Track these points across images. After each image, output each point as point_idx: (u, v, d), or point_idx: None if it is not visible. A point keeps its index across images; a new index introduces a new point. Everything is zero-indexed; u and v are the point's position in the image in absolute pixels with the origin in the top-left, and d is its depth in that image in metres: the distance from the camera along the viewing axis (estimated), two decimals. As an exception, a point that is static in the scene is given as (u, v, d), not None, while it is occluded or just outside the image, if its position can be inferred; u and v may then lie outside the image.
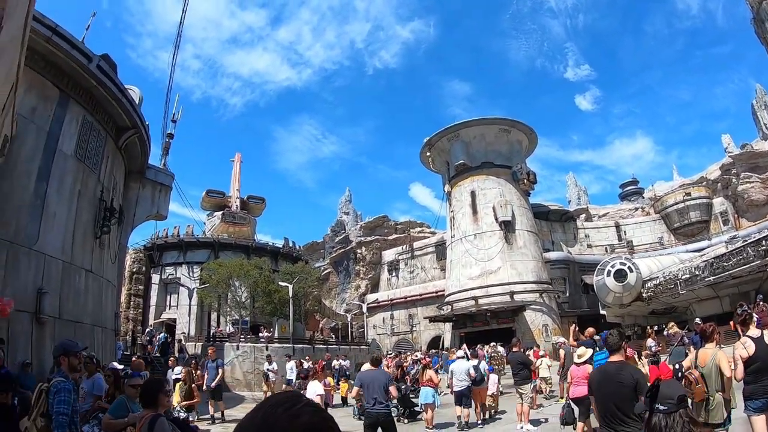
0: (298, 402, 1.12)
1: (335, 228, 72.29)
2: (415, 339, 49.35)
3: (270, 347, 32.07)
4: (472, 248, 43.17)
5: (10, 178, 13.00)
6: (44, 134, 14.53)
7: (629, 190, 74.22)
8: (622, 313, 32.71)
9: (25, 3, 7.56)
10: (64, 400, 5.29)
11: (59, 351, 6.07)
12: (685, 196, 51.40)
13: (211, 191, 53.34)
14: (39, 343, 12.64)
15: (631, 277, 29.16)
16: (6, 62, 7.99)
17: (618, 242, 52.32)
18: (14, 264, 12.91)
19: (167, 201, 26.46)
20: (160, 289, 45.41)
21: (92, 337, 16.69)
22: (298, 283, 39.15)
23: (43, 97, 14.58)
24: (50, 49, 14.08)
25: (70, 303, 15.41)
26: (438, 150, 49.23)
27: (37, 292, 13.46)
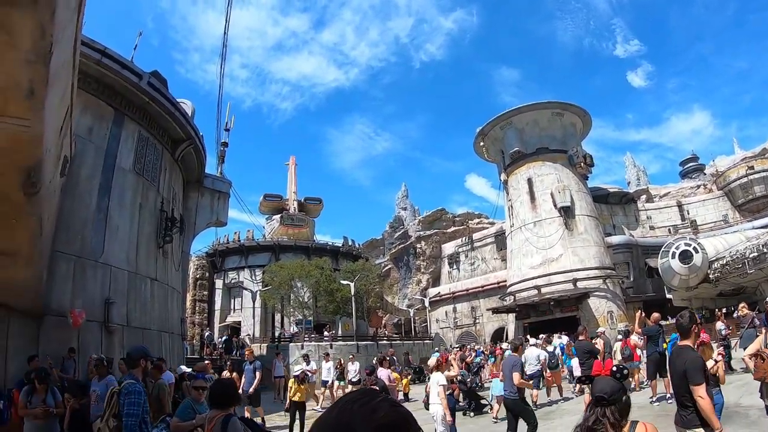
0: (375, 397, 1.10)
1: (393, 224, 72.40)
2: (478, 331, 48.93)
3: (334, 345, 32.51)
4: (532, 236, 42.49)
5: (73, 196, 13.71)
6: (102, 152, 15.25)
7: (690, 167, 71.46)
8: (689, 296, 31.53)
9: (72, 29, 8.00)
10: (134, 402, 5.58)
11: (140, 353, 6.35)
12: (748, 170, 48.88)
13: (268, 195, 54.37)
14: (109, 351, 13.28)
15: (697, 258, 28.08)
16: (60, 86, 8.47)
17: (681, 222, 50.27)
18: (82, 277, 13.64)
19: (226, 207, 27.20)
20: (224, 294, 46.72)
21: (159, 342, 17.42)
22: (359, 280, 39.45)
23: (98, 116, 15.31)
24: (101, 70, 14.77)
25: (137, 311, 16.15)
26: (491, 139, 48.65)
27: (105, 302, 14.19)
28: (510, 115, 46.11)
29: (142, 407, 5.73)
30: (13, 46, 5.69)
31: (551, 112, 45.43)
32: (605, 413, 3.39)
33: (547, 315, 38.67)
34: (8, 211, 9.04)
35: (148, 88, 16.59)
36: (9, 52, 5.76)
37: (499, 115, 46.69)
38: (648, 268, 41.93)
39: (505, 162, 47.08)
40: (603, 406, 3.43)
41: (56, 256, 12.76)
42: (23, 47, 5.74)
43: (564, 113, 45.82)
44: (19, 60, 5.88)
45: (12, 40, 5.59)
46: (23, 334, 11.59)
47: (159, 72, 17.77)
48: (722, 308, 26.81)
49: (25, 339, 11.45)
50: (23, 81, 6.28)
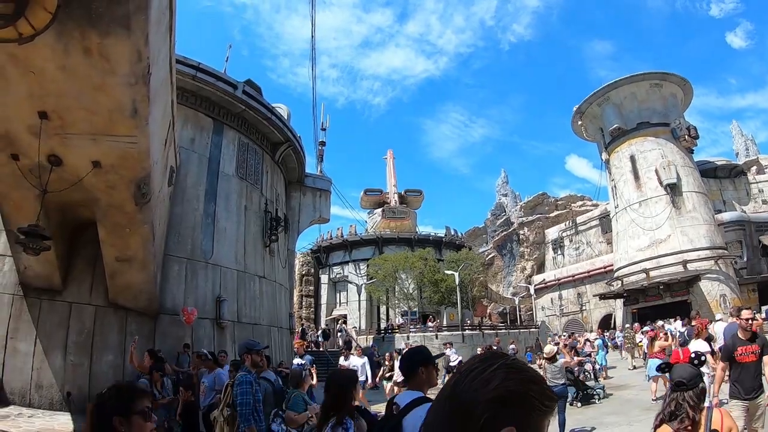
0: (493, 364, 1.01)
1: (495, 211, 71.48)
2: (585, 318, 47.46)
3: (439, 335, 32.80)
4: (638, 217, 40.54)
5: (182, 203, 14.79)
6: (205, 160, 16.30)
7: (807, 130, 65.25)
8: (808, 278, 29.01)
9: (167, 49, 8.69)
10: (245, 392, 6.01)
11: (243, 350, 6.81)
12: None
13: (368, 190, 55.43)
14: (220, 345, 14.19)
15: (823, 230, 25.93)
16: (161, 103, 9.23)
17: (798, 193, 46.23)
18: (194, 277, 14.69)
19: (328, 204, 28.10)
20: (330, 288, 48.24)
21: (269, 336, 18.36)
22: (463, 270, 39.47)
23: (199, 127, 16.37)
24: (197, 84, 15.78)
25: (246, 307, 17.14)
26: (589, 117, 46.78)
27: (215, 300, 15.18)
28: (606, 91, 44.16)
29: (254, 397, 6.05)
30: (113, 72, 6.36)
31: (649, 83, 43.01)
32: (685, 398, 3.56)
33: (657, 300, 36.82)
34: (122, 221, 9.99)
35: (243, 96, 17.48)
36: (110, 76, 6.44)
37: (595, 91, 44.82)
38: (762, 246, 38.82)
39: (605, 140, 45.20)
40: (682, 390, 3.61)
41: (168, 259, 13.85)
42: (122, 71, 6.40)
43: (663, 84, 43.22)
44: (120, 83, 6.56)
45: (111, 66, 6.26)
46: (141, 332, 12.64)
47: (252, 80, 18.67)
48: None
49: (142, 337, 12.49)
50: (126, 102, 6.98)
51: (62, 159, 7.51)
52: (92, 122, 6.92)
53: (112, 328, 12.25)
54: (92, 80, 6.22)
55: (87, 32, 5.40)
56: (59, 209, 10.08)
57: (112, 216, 9.61)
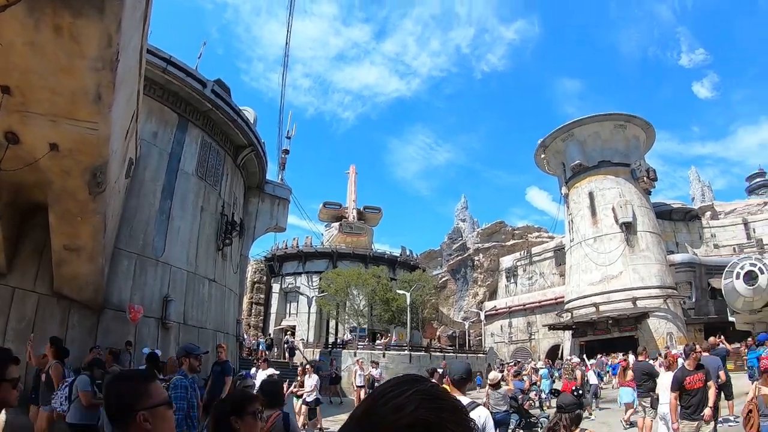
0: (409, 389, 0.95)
1: (452, 235, 72.04)
2: (533, 347, 48.05)
3: (387, 354, 32.65)
4: (592, 252, 41.51)
5: (138, 197, 14.44)
6: (166, 156, 15.99)
7: (757, 182, 67.93)
8: (753, 319, 29.95)
9: (138, 38, 8.50)
10: (180, 396, 5.83)
11: (182, 353, 6.64)
12: None
13: (328, 203, 55.22)
14: (164, 346, 13.85)
15: (762, 279, 26.74)
16: (126, 92, 9.00)
17: (747, 241, 47.79)
18: (142, 274, 14.32)
19: (286, 213, 27.87)
20: (281, 298, 47.67)
21: (214, 341, 17.94)
22: (415, 291, 39.55)
23: (163, 122, 16.07)
24: (167, 78, 15.52)
25: (193, 309, 16.78)
26: (552, 151, 47.86)
27: (163, 299, 14.81)
28: (571, 127, 45.30)
29: (189, 402, 5.90)
30: (81, 54, 6.17)
31: (614, 124, 44.35)
32: (562, 418, 4.55)
33: (605, 334, 37.66)
34: (75, 208, 9.66)
35: (211, 95, 17.27)
36: (77, 59, 6.24)
37: (561, 126, 45.94)
38: (711, 289, 40.15)
39: (566, 175, 46.24)
40: (561, 413, 4.61)
41: (118, 253, 13.46)
42: (90, 55, 6.20)
43: (627, 125, 44.63)
44: (87, 67, 6.36)
45: (79, 48, 6.06)
46: (83, 325, 12.25)
47: (222, 80, 18.47)
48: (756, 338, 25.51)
49: (84, 330, 12.10)
50: (91, 86, 6.77)
51: (20, 137, 7.24)
52: (54, 103, 6.70)
53: (54, 318, 11.78)
54: (59, 60, 6.02)
55: (60, 10, 5.24)
56: (12, 189, 9.74)
57: (64, 202, 9.29)
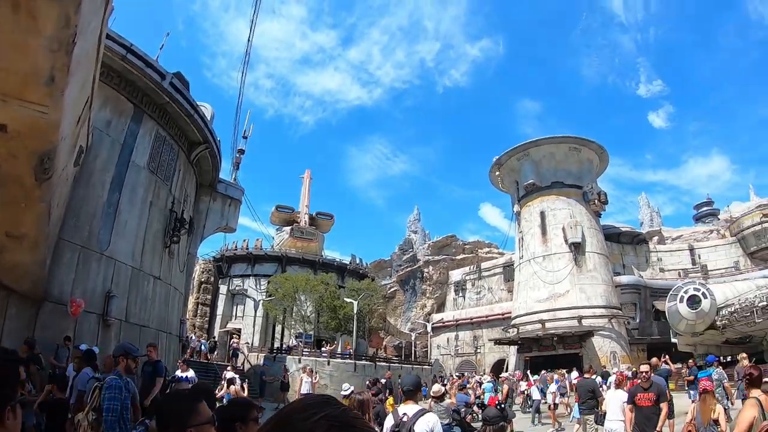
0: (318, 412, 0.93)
1: (403, 246, 72.27)
2: (479, 361, 48.47)
3: (332, 362, 32.43)
4: (541, 270, 42.23)
5: (86, 187, 13.88)
6: (118, 146, 15.47)
7: (704, 211, 70.74)
8: (695, 341, 31.03)
9: (98, 22, 8.17)
10: (113, 397, 5.56)
11: (119, 352, 6.37)
12: (763, 217, 48.25)
13: (280, 206, 54.64)
14: (104, 344, 13.33)
15: (705, 303, 27.74)
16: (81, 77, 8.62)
17: (692, 266, 49.70)
18: (86, 267, 13.75)
19: (237, 214, 27.38)
20: (227, 300, 46.77)
21: (156, 341, 17.39)
22: (363, 299, 39.46)
23: (118, 111, 15.55)
24: (125, 66, 15.04)
25: (136, 307, 16.23)
26: (507, 169, 48.63)
27: (105, 295, 14.26)
28: (527, 147, 46.14)
29: (122, 403, 5.65)
30: (37, 32, 5.84)
31: (569, 146, 45.39)
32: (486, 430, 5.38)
33: (550, 350, 38.26)
34: (19, 194, 9.17)
35: (169, 88, 16.84)
36: (32, 37, 5.90)
37: (517, 146, 46.74)
38: (655, 311, 41.43)
39: (519, 193, 47.00)
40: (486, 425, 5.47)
41: (62, 244, 12.90)
42: (46, 34, 5.89)
43: (581, 149, 45.76)
44: (42, 47, 6.03)
45: (36, 26, 5.73)
46: (20, 317, 11.67)
47: (182, 74, 18.04)
48: (726, 356, 26.46)
49: (21, 322, 11.53)
50: (45, 68, 6.41)
51: (-34, 115, 6.81)
52: (6, 81, 6.31)
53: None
54: (14, 37, 5.67)
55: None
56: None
57: (8, 187, 8.79)
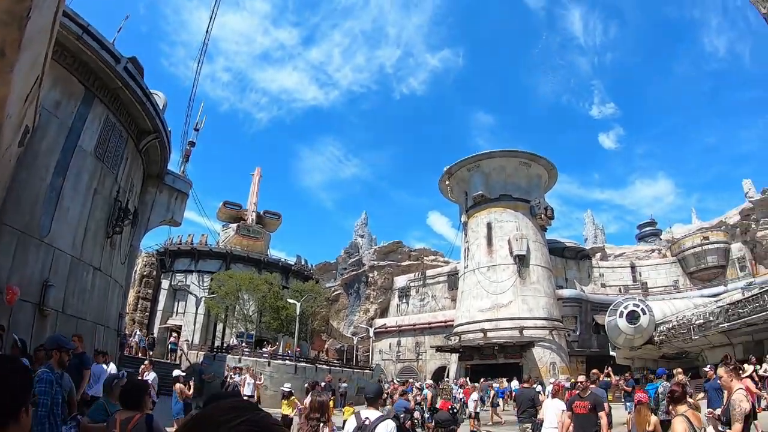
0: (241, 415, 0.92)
1: (349, 250, 72.11)
2: (420, 367, 48.71)
3: (272, 363, 31.97)
4: (485, 280, 42.76)
5: (29, 169, 13.20)
6: (66, 129, 14.80)
7: (646, 231, 73.37)
8: (633, 355, 32.11)
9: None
10: (45, 391, 5.30)
11: (52, 345, 6.10)
12: (703, 240, 50.57)
13: (228, 203, 53.80)
14: (39, 334, 12.68)
15: (644, 319, 28.70)
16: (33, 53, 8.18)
17: (633, 283, 51.45)
18: (24, 253, 13.06)
19: (183, 208, 26.69)
20: (169, 295, 45.54)
21: (93, 335, 16.75)
22: (305, 301, 39.17)
23: (68, 93, 14.89)
24: (80, 47, 14.42)
25: (74, 298, 15.52)
26: (457, 179, 49.19)
27: (43, 283, 13.58)
28: (479, 159, 46.83)
29: (53, 398, 5.42)
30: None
31: (519, 161, 46.30)
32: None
33: (491, 359, 38.79)
34: (-43, 171, 8.67)
35: (123, 73, 16.26)
36: (-16, 9, 5.55)
37: (468, 157, 47.39)
38: (595, 324, 42.58)
39: (467, 204, 47.55)
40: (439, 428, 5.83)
41: (1, 227, 12.23)
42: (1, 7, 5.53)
43: (531, 164, 46.78)
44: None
45: (-10, -3, 5.39)
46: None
47: (137, 59, 17.45)
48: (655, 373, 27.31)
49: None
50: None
51: None
52: (-46, 51, 5.93)
53: None
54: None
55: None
56: None
57: (-53, 163, 8.31)
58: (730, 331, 25.14)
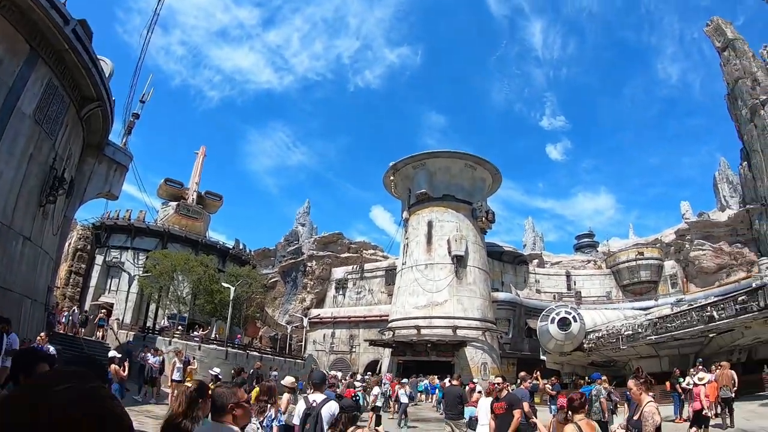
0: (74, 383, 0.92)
1: (289, 237, 71.36)
2: (353, 360, 48.72)
3: (203, 347, 31.32)
4: (422, 278, 43.08)
5: (-40, 128, 12.42)
6: (6, 89, 13.98)
7: (584, 242, 75.77)
8: (562, 360, 32.94)
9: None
10: None
11: None
12: (638, 255, 52.85)
13: (169, 180, 52.26)
14: (-39, 304, 11.97)
15: (575, 326, 29.45)
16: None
17: (567, 291, 53.17)
18: (-52, 217, 12.29)
19: (121, 181, 25.75)
20: (102, 271, 43.80)
21: (20, 307, 15.94)
22: (240, 286, 38.59)
23: (11, 50, 14.06)
24: (30, 3, 13.60)
25: (2, 266, 14.73)
26: (402, 176, 49.38)
27: (-32, 250, 12.83)
28: (425, 157, 47.20)
29: None
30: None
31: (465, 163, 46.88)
32: (342, 417, 5.67)
33: (423, 356, 39.13)
34: None
35: (71, 35, 15.47)
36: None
37: (415, 154, 47.76)
38: (528, 328, 43.67)
39: (410, 201, 47.88)
40: (342, 413, 5.78)
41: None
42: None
43: (477, 167, 47.48)
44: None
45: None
46: None
47: (87, 23, 16.65)
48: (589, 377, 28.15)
49: None
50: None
51: None
52: None
53: None
54: None
55: None
56: None
57: None
58: (658, 343, 26.13)
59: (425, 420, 22.80)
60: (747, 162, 47.75)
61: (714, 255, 48.49)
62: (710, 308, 23.86)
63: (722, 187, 60.85)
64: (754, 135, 45.62)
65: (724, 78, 50.36)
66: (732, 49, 48.87)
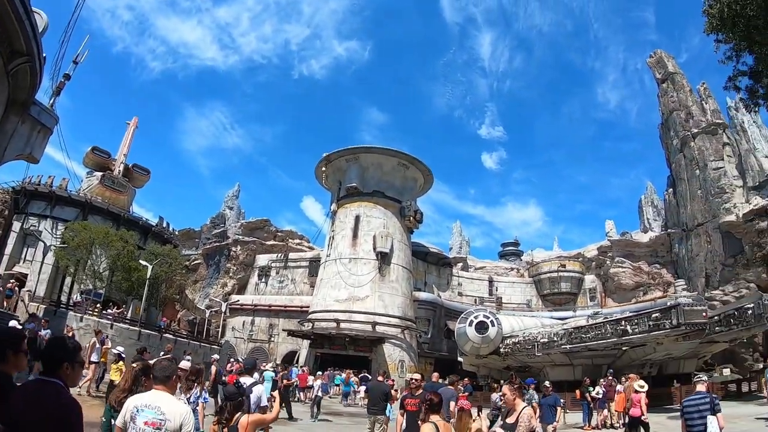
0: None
1: (216, 220, 69.96)
2: (271, 349, 48.09)
3: (115, 326, 30.24)
4: (345, 271, 42.97)
5: None
6: (-76, 29, 12.91)
7: (509, 250, 77.92)
8: (478, 363, 33.53)
9: None
10: None
11: None
12: (560, 267, 54.78)
13: (97, 149, 50.01)
14: None
15: (492, 330, 30.00)
16: None
17: (488, 296, 54.35)
18: None
19: (44, 144, 24.19)
20: (19, 239, 41.28)
21: None
22: (160, 265, 37.54)
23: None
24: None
25: None
26: (335, 167, 49.15)
27: None
28: (359, 151, 47.33)
29: None
30: None
31: (398, 161, 47.30)
32: (227, 405, 5.94)
33: (341, 350, 39.20)
34: None
35: (5, -20, 14.46)
36: None
37: (349, 147, 47.82)
38: (447, 330, 44.37)
39: (339, 193, 47.84)
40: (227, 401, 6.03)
41: None
42: None
43: (410, 167, 48.03)
44: None
45: None
46: None
47: (25, -32, 15.60)
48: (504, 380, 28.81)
49: None
50: None
51: None
52: None
53: None
54: None
55: None
56: None
57: None
58: (572, 352, 27.05)
59: (337, 414, 22.75)
60: (673, 189, 50.40)
61: (633, 273, 50.73)
62: (624, 322, 24.97)
63: (647, 210, 63.98)
64: (682, 164, 48.05)
65: (660, 108, 52.94)
66: (671, 82, 51.24)
